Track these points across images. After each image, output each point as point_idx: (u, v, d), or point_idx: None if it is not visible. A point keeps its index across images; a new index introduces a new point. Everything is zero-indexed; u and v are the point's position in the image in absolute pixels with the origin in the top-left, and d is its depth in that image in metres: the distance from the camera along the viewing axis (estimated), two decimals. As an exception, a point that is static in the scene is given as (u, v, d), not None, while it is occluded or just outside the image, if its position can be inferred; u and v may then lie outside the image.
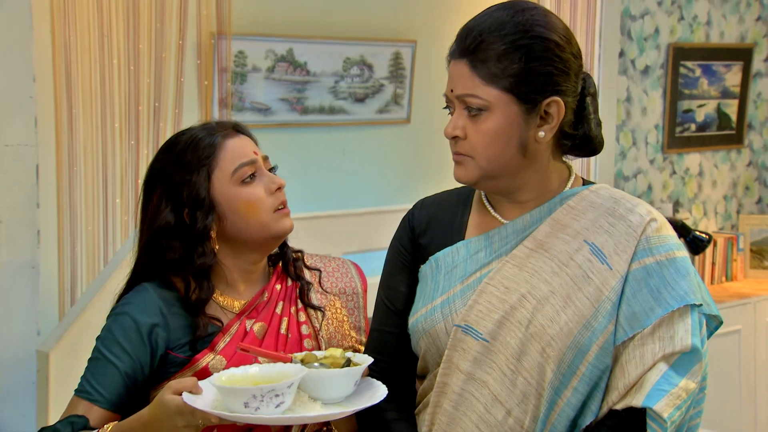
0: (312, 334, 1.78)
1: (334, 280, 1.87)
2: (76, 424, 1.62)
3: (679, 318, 1.47)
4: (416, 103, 3.86)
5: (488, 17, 1.52)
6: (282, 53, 3.46)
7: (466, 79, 1.49)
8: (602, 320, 1.47)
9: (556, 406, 1.48)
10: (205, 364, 1.67)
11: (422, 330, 1.57)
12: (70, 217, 2.83)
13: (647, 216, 1.53)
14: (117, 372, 1.66)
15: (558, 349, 1.46)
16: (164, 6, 2.97)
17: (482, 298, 1.52)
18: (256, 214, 1.70)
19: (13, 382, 2.67)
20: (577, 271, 1.50)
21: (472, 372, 1.51)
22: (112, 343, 1.68)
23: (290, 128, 3.57)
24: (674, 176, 4.58)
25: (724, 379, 4.18)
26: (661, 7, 4.41)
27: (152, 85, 2.95)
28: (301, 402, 1.51)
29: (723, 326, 4.53)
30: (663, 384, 1.43)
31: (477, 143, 1.50)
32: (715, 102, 4.69)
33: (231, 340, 1.70)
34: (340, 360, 1.56)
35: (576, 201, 1.56)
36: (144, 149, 2.94)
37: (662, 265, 1.50)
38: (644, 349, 1.46)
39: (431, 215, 1.66)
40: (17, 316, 2.68)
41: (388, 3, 3.81)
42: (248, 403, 1.42)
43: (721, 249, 4.55)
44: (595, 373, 1.47)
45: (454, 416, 1.53)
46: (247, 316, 1.74)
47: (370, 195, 3.77)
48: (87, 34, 2.83)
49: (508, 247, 1.56)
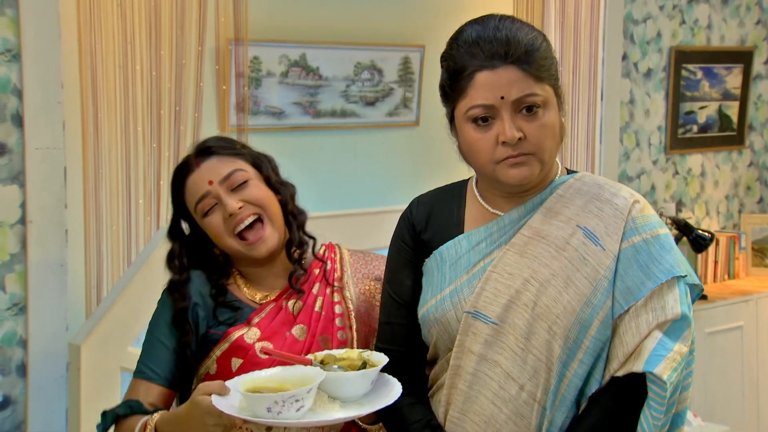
0: (345, 314, 1.90)
1: (371, 268, 1.99)
2: (134, 407, 1.75)
3: (668, 289, 1.62)
4: (425, 106, 3.93)
5: (507, 25, 1.62)
6: (295, 58, 3.55)
7: (521, 81, 1.58)
8: (601, 297, 1.60)
9: (564, 378, 1.61)
10: (240, 335, 1.80)
11: (434, 319, 1.70)
12: (96, 218, 2.90)
13: (630, 198, 1.68)
14: (167, 350, 1.81)
15: (564, 326, 1.60)
16: (184, 14, 3.04)
17: (488, 285, 1.65)
18: (224, 240, 1.85)
19: (44, 377, 2.76)
20: (574, 254, 1.63)
21: (484, 353, 1.64)
22: (160, 324, 1.84)
23: (303, 131, 3.64)
24: (677, 176, 4.68)
25: (728, 374, 4.27)
26: (663, 11, 4.51)
27: (173, 90, 3.02)
28: (322, 402, 1.60)
29: (726, 323, 4.62)
30: (659, 350, 1.57)
31: (540, 138, 1.61)
32: (717, 104, 4.77)
33: (266, 315, 1.84)
34: (357, 362, 1.66)
35: (564, 189, 1.70)
36: (165, 151, 3.01)
37: (648, 242, 1.64)
38: (639, 319, 1.60)
39: (429, 211, 1.78)
40: (47, 312, 2.77)
41: (397, 9, 3.87)
42: (271, 408, 1.51)
43: (723, 248, 4.62)
44: (597, 345, 1.60)
45: (469, 395, 1.66)
46: (285, 297, 1.87)
47: (381, 195, 3.83)
48: (111, 42, 2.91)
49: (506, 236, 1.68)
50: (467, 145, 1.65)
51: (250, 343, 1.79)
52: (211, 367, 1.82)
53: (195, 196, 1.85)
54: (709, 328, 4.16)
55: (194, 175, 1.86)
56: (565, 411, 1.62)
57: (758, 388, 4.37)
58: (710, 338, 4.16)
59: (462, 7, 3.98)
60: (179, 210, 1.91)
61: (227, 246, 1.84)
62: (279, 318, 1.84)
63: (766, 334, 4.40)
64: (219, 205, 1.83)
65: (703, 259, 4.54)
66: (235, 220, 1.82)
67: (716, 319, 4.18)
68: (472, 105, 1.60)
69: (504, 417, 1.63)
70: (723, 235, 4.66)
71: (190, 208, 1.88)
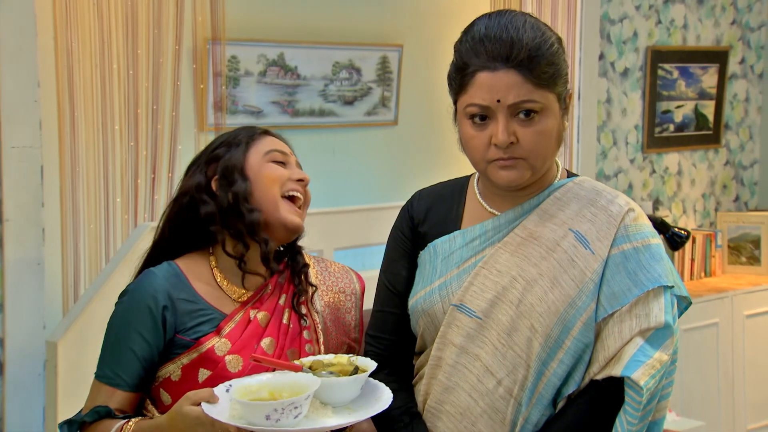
0: (312, 326, 1.90)
1: (335, 280, 2.00)
2: (101, 413, 1.73)
3: (653, 297, 1.63)
4: (403, 105, 3.96)
5: (518, 26, 1.61)
6: (273, 58, 3.56)
7: (519, 86, 1.58)
8: (585, 299, 1.63)
9: (543, 377, 1.64)
10: (211, 346, 1.77)
11: (421, 310, 1.73)
12: (73, 216, 2.90)
13: (626, 206, 1.70)
14: (135, 356, 1.75)
15: (546, 324, 1.62)
16: (161, 13, 3.06)
17: (477, 280, 1.68)
18: (274, 190, 1.85)
19: (21, 375, 2.77)
20: (563, 255, 1.66)
21: (465, 346, 1.68)
22: (127, 328, 1.77)
23: (282, 130, 3.63)
24: (654, 175, 4.73)
25: (703, 370, 4.32)
26: (639, 11, 4.56)
27: (150, 89, 3.04)
28: (314, 407, 1.61)
29: (702, 320, 4.65)
30: (639, 356, 1.59)
31: (533, 144, 1.61)
32: (693, 103, 4.83)
33: (236, 326, 1.81)
34: (348, 367, 1.68)
35: (561, 192, 1.72)
36: (143, 150, 3.03)
37: (638, 250, 1.66)
38: (622, 325, 1.62)
39: (429, 206, 1.82)
40: (24, 311, 2.77)
41: (375, 9, 3.90)
42: (270, 415, 1.51)
43: (699, 245, 4.67)
44: (579, 347, 1.63)
45: (447, 386, 1.69)
46: (251, 306, 1.85)
47: (360, 194, 3.85)
48: (88, 41, 2.92)
49: (500, 235, 1.71)
50: (464, 140, 1.68)
51: (220, 356, 1.77)
52: (175, 373, 1.78)
53: (275, 146, 1.92)
54: (686, 325, 4.21)
55: (275, 138, 1.95)
56: (541, 409, 1.64)
57: (733, 385, 4.42)
58: (686, 335, 4.21)
59: (440, 6, 4.01)
60: (211, 158, 1.89)
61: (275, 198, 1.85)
62: (249, 330, 1.82)
63: (741, 331, 4.46)
64: (288, 167, 1.91)
65: (680, 257, 4.59)
66: (300, 187, 1.89)
67: (692, 316, 4.23)
68: (470, 103, 1.62)
69: (479, 410, 1.66)
70: (699, 233, 4.71)
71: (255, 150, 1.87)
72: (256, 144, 1.90)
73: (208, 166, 1.89)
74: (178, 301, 1.79)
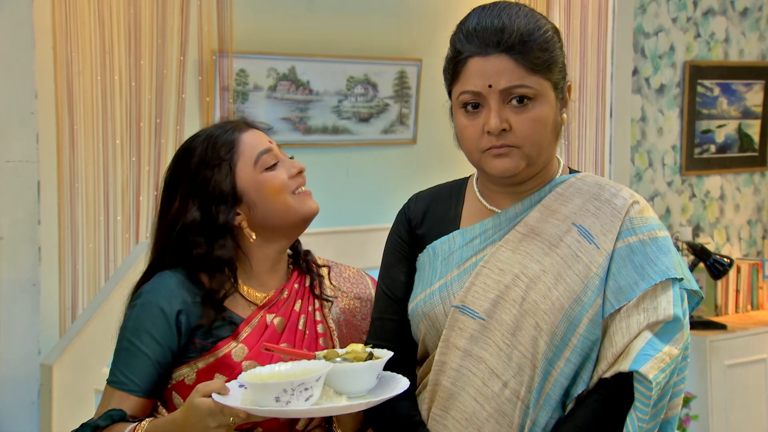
0: (327, 333, 1.95)
1: (350, 285, 2.05)
2: (115, 418, 1.77)
3: (661, 291, 1.68)
4: (422, 123, 4.00)
5: (511, 13, 1.69)
6: (284, 72, 3.62)
7: (511, 71, 1.65)
8: (591, 295, 1.67)
9: (550, 377, 1.67)
10: (228, 351, 1.83)
11: (422, 314, 1.77)
12: (71, 234, 2.96)
13: (630, 199, 1.75)
14: (149, 361, 1.81)
15: (550, 322, 1.66)
16: (165, 23, 3.13)
17: (478, 280, 1.72)
18: (282, 197, 1.89)
19: (15, 401, 2.81)
20: (566, 251, 1.70)
21: (468, 349, 1.71)
22: (141, 333, 1.82)
23: (293, 148, 3.64)
24: (694, 199, 4.73)
25: (751, 409, 4.28)
26: (676, 23, 4.59)
27: (153, 102, 3.10)
28: (328, 396, 1.64)
29: (748, 355, 4.62)
30: (648, 349, 1.63)
31: (526, 131, 1.67)
32: (736, 122, 4.84)
33: (253, 331, 1.87)
34: (362, 354, 1.71)
35: (563, 188, 1.77)
36: (145, 166, 3.08)
37: (645, 243, 1.71)
38: (630, 320, 1.66)
39: (426, 207, 1.87)
40: (18, 334, 2.82)
41: (392, 20, 3.94)
42: (279, 397, 1.55)
43: (745, 276, 4.66)
44: (586, 345, 1.66)
45: (452, 392, 1.72)
46: (267, 310, 1.90)
47: (375, 216, 3.86)
48: (88, 51, 2.99)
49: (501, 233, 1.76)
50: (458, 131, 1.74)
51: (237, 362, 1.83)
52: (189, 376, 1.85)
53: (258, 147, 1.90)
54: (731, 360, 4.19)
55: (252, 132, 1.93)
56: (549, 411, 1.68)
57: (784, 425, 4.40)
58: (732, 371, 4.19)
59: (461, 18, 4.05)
60: (197, 187, 1.89)
61: (286, 202, 1.89)
62: (266, 336, 1.88)
63: (792, 367, 4.43)
64: (280, 164, 1.92)
65: (723, 288, 4.58)
66: (302, 179, 1.95)
67: (737, 350, 4.21)
68: (462, 90, 1.68)
69: (486, 414, 1.69)
70: (745, 262, 4.70)
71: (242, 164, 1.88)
72: (241, 155, 1.90)
73: (196, 196, 1.90)
74: (193, 304, 1.85)
